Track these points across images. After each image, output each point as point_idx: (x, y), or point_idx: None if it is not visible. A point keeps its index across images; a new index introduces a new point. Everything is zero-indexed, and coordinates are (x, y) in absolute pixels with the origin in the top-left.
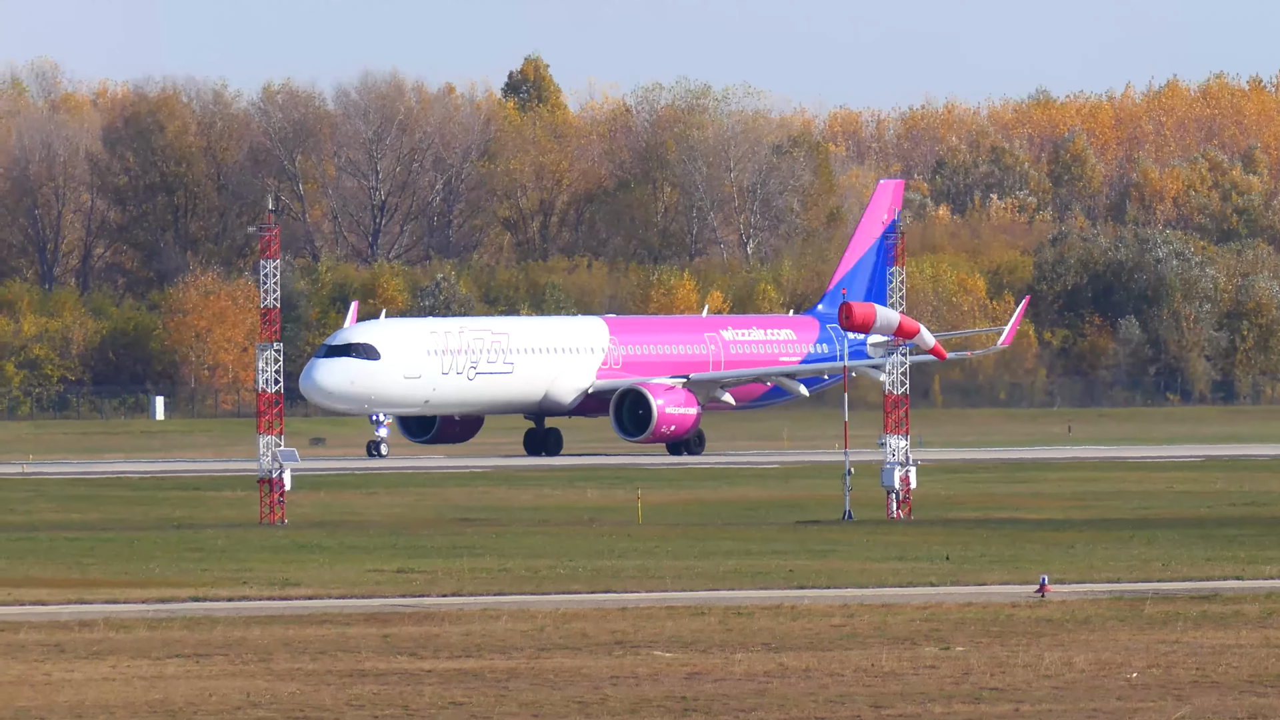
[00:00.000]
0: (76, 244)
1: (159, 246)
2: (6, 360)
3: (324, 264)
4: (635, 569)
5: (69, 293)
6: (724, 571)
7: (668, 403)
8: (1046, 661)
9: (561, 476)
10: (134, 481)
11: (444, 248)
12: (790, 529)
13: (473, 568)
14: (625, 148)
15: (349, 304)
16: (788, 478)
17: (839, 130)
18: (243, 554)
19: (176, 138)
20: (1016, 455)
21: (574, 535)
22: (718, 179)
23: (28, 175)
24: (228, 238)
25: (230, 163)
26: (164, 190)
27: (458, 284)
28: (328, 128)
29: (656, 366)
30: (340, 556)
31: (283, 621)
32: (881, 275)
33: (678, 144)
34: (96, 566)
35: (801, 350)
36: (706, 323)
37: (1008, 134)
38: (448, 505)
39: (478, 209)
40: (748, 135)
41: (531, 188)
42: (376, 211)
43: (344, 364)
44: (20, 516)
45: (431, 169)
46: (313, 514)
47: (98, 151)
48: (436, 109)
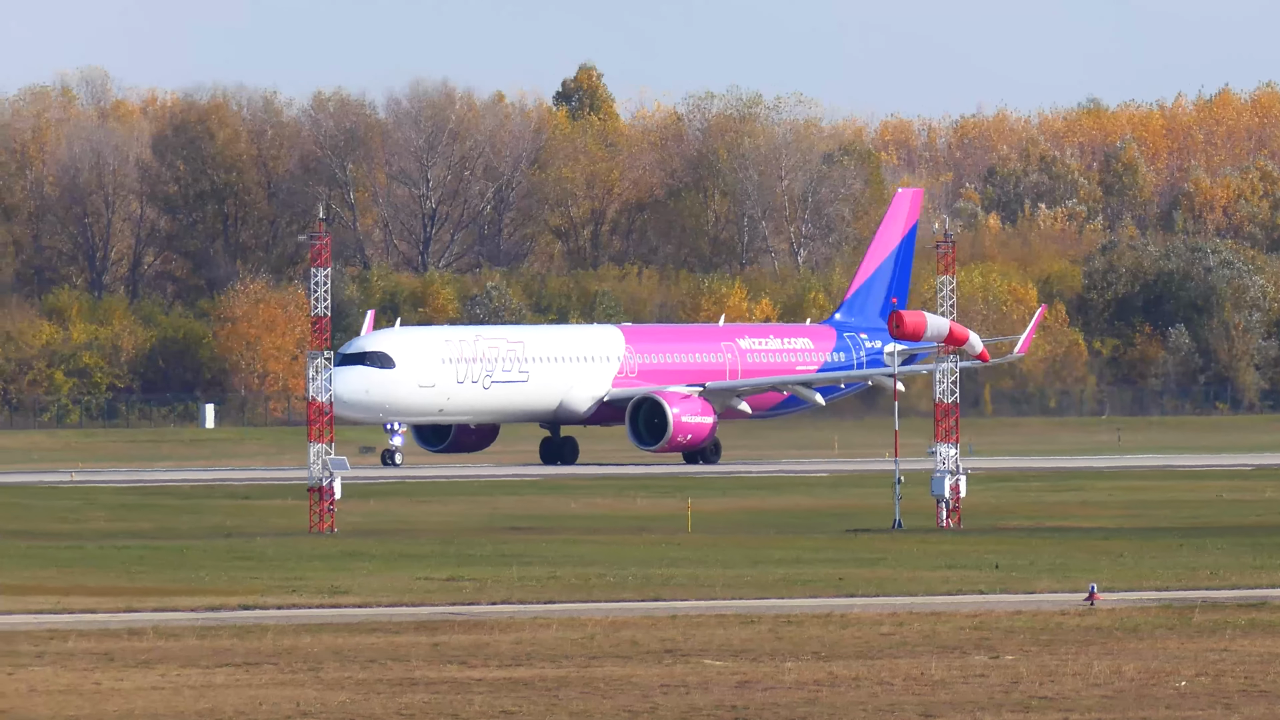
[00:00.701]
0: (126, 252)
1: (209, 254)
2: (56, 368)
3: (375, 272)
4: (685, 577)
5: (118, 300)
6: (774, 580)
7: (683, 411)
8: (1095, 670)
9: (611, 485)
10: (183, 490)
11: (495, 256)
12: (840, 537)
13: (523, 576)
14: (676, 156)
15: (398, 312)
16: (837, 486)
17: (890, 139)
18: (293, 562)
19: (227, 145)
20: (1066, 464)
21: (624, 543)
22: (769, 187)
23: (78, 183)
24: (278, 246)
25: (280, 171)
26: (214, 198)
27: (508, 293)
28: (379, 136)
29: (672, 375)
30: (390, 565)
31: (332, 630)
32: (900, 283)
33: (729, 152)
34: (146, 575)
35: (818, 359)
36: (723, 331)
37: (1058, 143)
38: (497, 513)
39: (528, 217)
40: (799, 144)
41: (582, 196)
42: (427, 220)
43: (359, 373)
44: (70, 525)
45: (482, 177)
46: (362, 522)
47: (148, 159)
48: (487, 117)
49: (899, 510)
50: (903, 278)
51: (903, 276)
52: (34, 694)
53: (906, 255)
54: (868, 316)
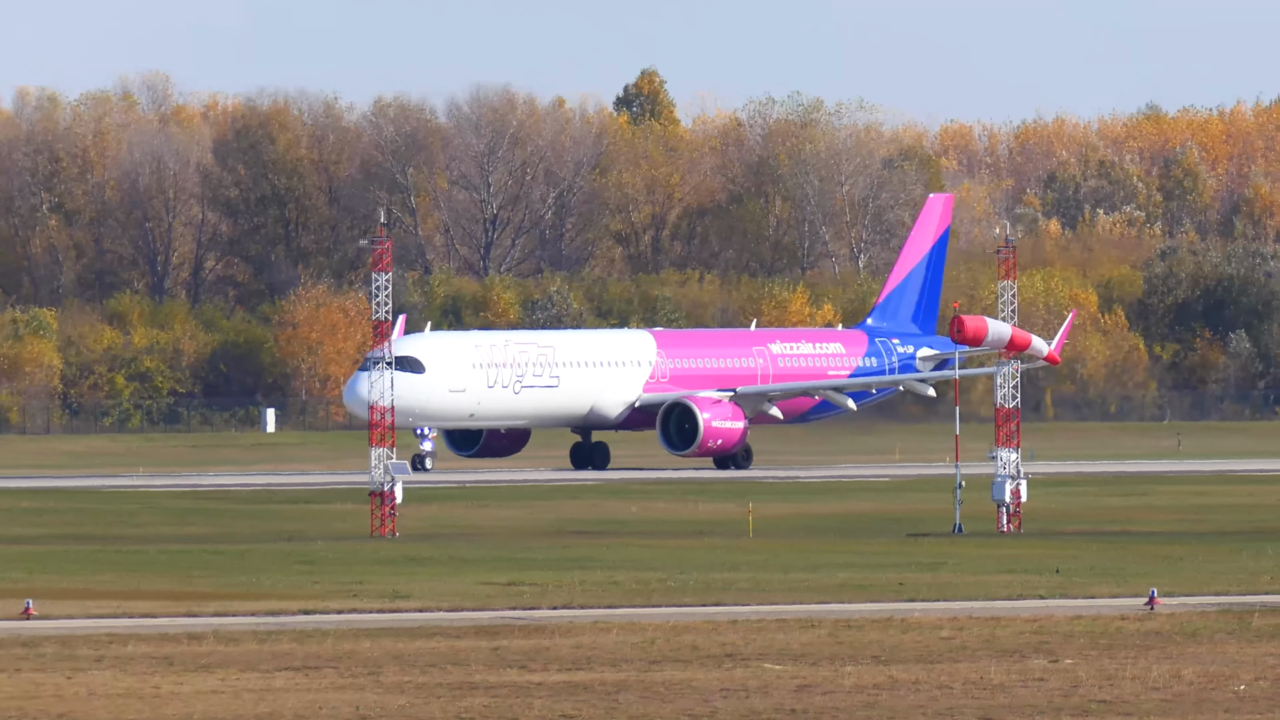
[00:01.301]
0: (187, 256)
1: (270, 259)
2: (117, 372)
3: (436, 277)
4: (746, 581)
5: (179, 305)
6: (834, 584)
7: (714, 416)
8: (1155, 674)
9: (672, 490)
10: (244, 494)
11: (556, 261)
12: (900, 542)
13: (583, 580)
14: (737, 161)
15: (460, 316)
16: (899, 491)
17: (950, 144)
18: (353, 567)
19: (288, 150)
20: (1126, 469)
21: (685, 548)
22: (829, 192)
23: (139, 188)
24: (339, 250)
25: (341, 175)
26: (275, 203)
27: (570, 297)
28: (439, 141)
29: (703, 380)
30: (451, 569)
31: (392, 634)
32: (932, 288)
33: (790, 158)
34: (206, 579)
35: (850, 364)
36: (754, 336)
37: (1118, 148)
38: (558, 518)
39: (589, 222)
40: (859, 149)
41: (643, 201)
42: (488, 224)
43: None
44: (131, 529)
45: (543, 182)
46: (423, 526)
47: (209, 164)
48: (548, 122)
49: (959, 515)
50: (934, 283)
51: (934, 282)
52: (93, 697)
53: (938, 261)
54: (900, 321)
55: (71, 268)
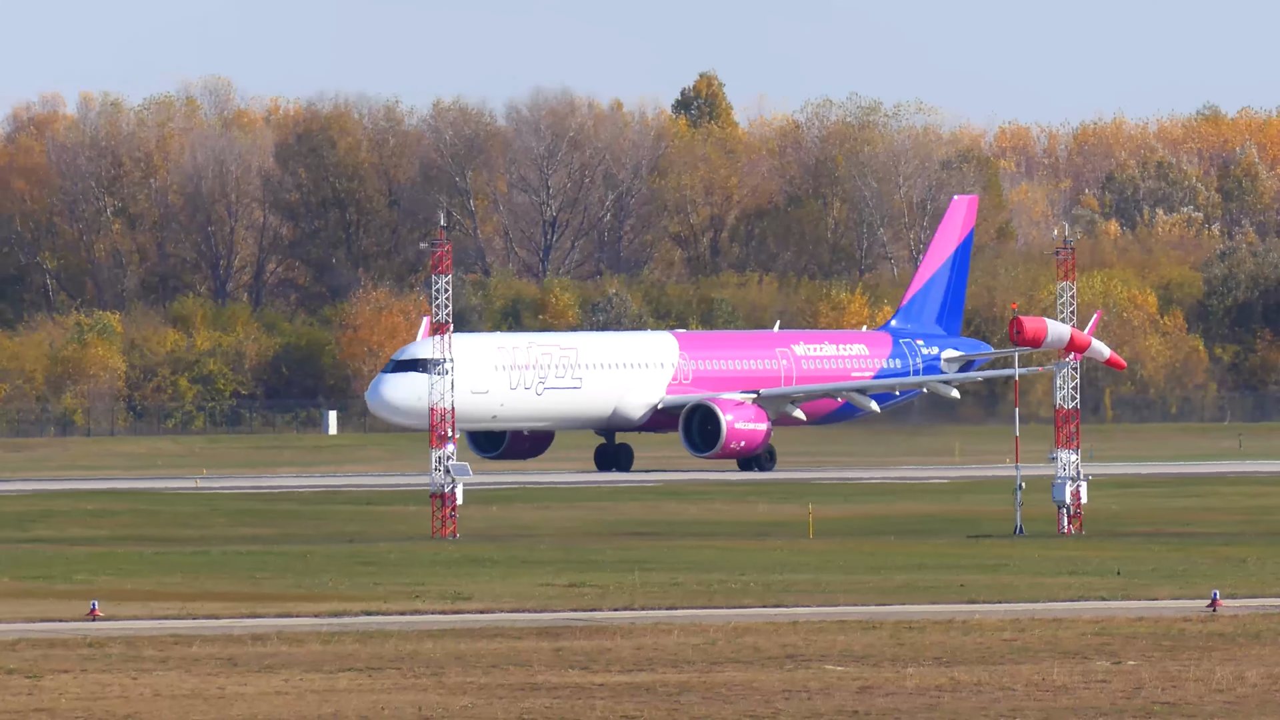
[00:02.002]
0: (249, 259)
1: (331, 262)
2: (180, 375)
3: (495, 279)
4: (807, 583)
5: (242, 308)
6: (895, 586)
7: (737, 418)
8: (1218, 676)
9: (733, 490)
10: (306, 496)
11: (615, 263)
12: (961, 543)
13: (644, 582)
14: (795, 163)
15: (520, 319)
16: (959, 492)
17: (1008, 145)
18: (415, 568)
19: (348, 154)
20: (1187, 469)
21: (746, 549)
22: (888, 194)
23: (201, 192)
24: (399, 253)
25: (402, 179)
26: (336, 206)
27: (629, 299)
28: (499, 144)
29: (727, 382)
30: (512, 570)
31: (455, 635)
32: (957, 290)
33: (848, 160)
34: (269, 580)
35: (874, 366)
36: (778, 337)
37: (1176, 149)
38: (619, 519)
39: (648, 225)
40: (918, 151)
41: (702, 203)
42: (547, 227)
43: (411, 379)
44: (194, 531)
45: (602, 185)
46: (484, 527)
47: (270, 168)
48: (607, 125)
49: (1020, 516)
50: (959, 285)
51: (959, 283)
52: (158, 698)
53: (963, 262)
54: (924, 323)
55: (135, 271)
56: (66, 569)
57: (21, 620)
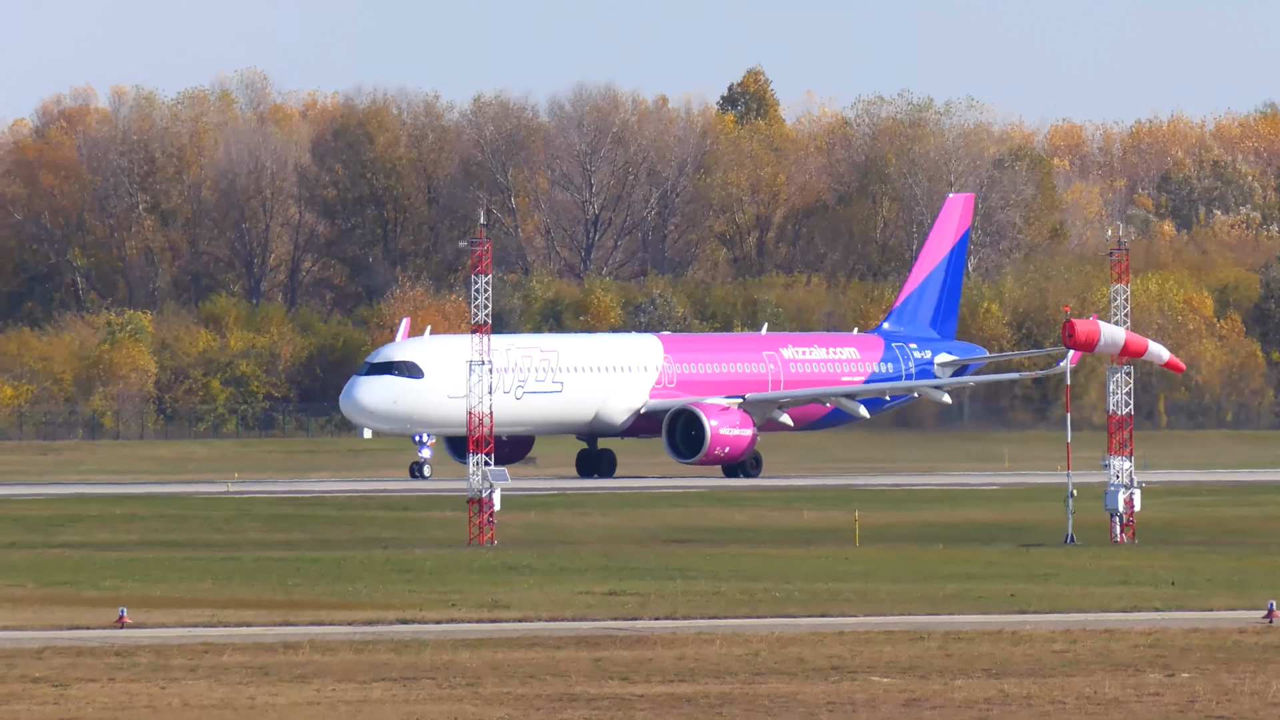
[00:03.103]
0: (284, 258)
1: (367, 261)
2: (213, 376)
3: (536, 279)
4: (853, 592)
5: (276, 308)
6: (944, 595)
7: (722, 424)
8: (1274, 689)
9: (778, 497)
10: (340, 501)
11: (659, 263)
12: (1012, 552)
13: (686, 590)
14: (844, 161)
15: (560, 320)
16: (1009, 500)
17: (1061, 144)
18: (451, 575)
19: (386, 150)
20: (1243, 478)
21: (791, 556)
22: (938, 193)
23: (236, 188)
24: (438, 252)
25: (441, 176)
26: (373, 203)
27: (673, 300)
28: (540, 140)
29: (712, 386)
30: (550, 578)
31: (491, 644)
32: (951, 292)
33: (898, 157)
34: (302, 588)
35: (865, 370)
36: (765, 340)
37: (1233, 148)
38: (660, 525)
39: (693, 223)
40: (969, 148)
41: (748, 202)
42: (590, 226)
43: (386, 382)
44: (225, 536)
45: (646, 182)
46: (522, 534)
47: (306, 164)
48: (651, 122)
49: (1071, 525)
50: (954, 286)
51: (954, 285)
52: (187, 708)
53: (958, 263)
54: (917, 326)
55: (167, 269)
56: (94, 575)
57: (48, 627)
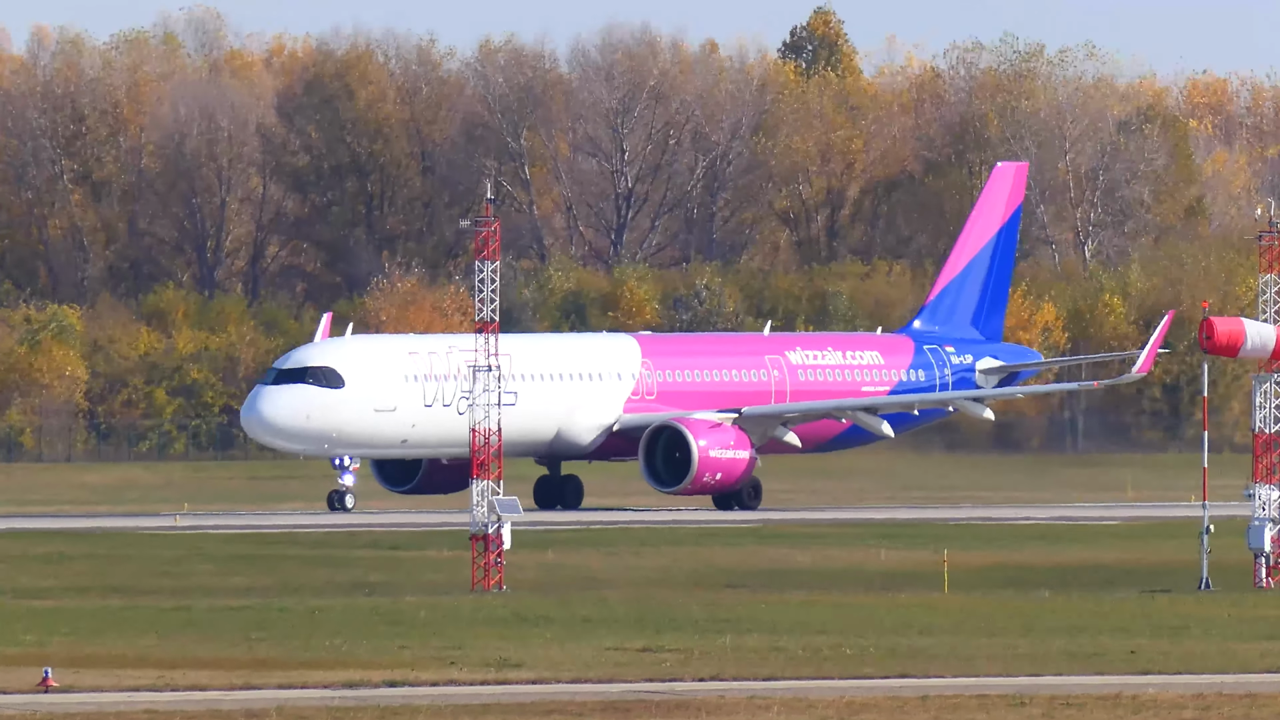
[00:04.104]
0: (244, 240)
1: (347, 244)
2: (157, 386)
3: (554, 267)
4: (940, 648)
5: (234, 301)
6: (1050, 652)
7: (712, 444)
8: None
9: (850, 534)
10: (315, 537)
11: (706, 247)
12: (1134, 600)
13: (737, 646)
14: (934, 123)
15: (584, 316)
16: (1132, 537)
17: (1200, 102)
18: (451, 628)
19: (371, 108)
20: None
21: (864, 605)
22: (1050, 162)
23: (183, 154)
24: (434, 234)
25: (438, 139)
26: (354, 173)
27: (723, 293)
28: (561, 96)
29: (700, 397)
30: (571, 631)
31: (500, 711)
32: (999, 282)
33: (1000, 118)
34: (268, 643)
35: (890, 378)
36: (767, 342)
37: None
38: (706, 567)
39: (748, 199)
40: (1088, 108)
41: (816, 172)
42: (621, 201)
43: (298, 393)
44: (174, 581)
45: (691, 148)
46: (538, 577)
47: (271, 124)
48: (698, 73)
49: (1206, 567)
50: (1001, 275)
51: (1002, 274)
52: None
53: (1007, 247)
54: (956, 324)
55: (100, 255)
56: (12, 628)
57: None
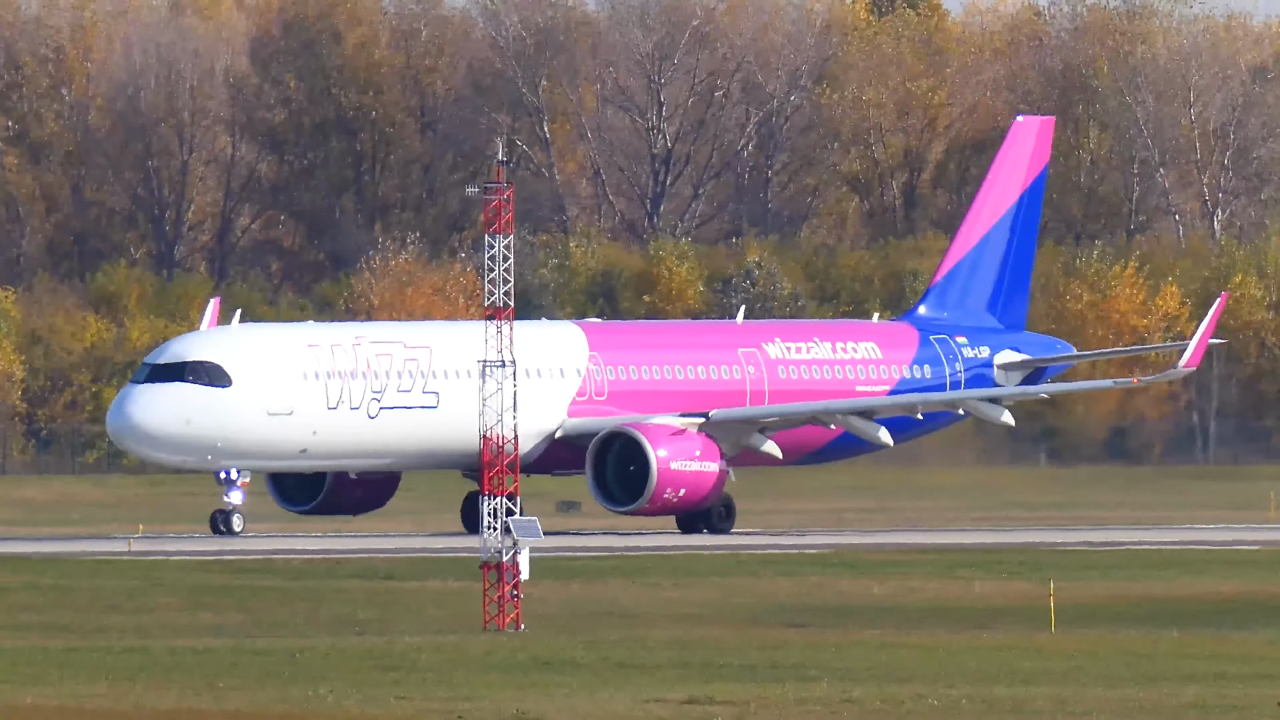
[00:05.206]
0: (210, 210)
1: (332, 215)
2: (106, 384)
3: (579, 241)
4: (1046, 699)
5: (199, 282)
6: (1181, 704)
7: (674, 454)
8: None
9: (935, 561)
10: (295, 566)
11: (759, 219)
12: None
13: (801, 697)
14: (1033, 71)
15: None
16: (1274, 565)
17: None
18: (458, 674)
19: (360, 53)
20: None
21: (955, 648)
22: (1171, 117)
23: (139, 108)
24: (435, 203)
25: (440, 91)
26: (341, 131)
27: (779, 273)
28: (587, 39)
29: (660, 398)
30: (601, 679)
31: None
32: (1021, 255)
33: (1111, 65)
34: (240, 692)
35: (890, 375)
36: (741, 332)
37: None
38: (762, 601)
39: (809, 162)
40: (1215, 55)
41: (891, 130)
42: (658, 165)
43: (175, 393)
44: (128, 617)
45: (741, 101)
46: (561, 614)
47: (243, 73)
48: (749, 11)
49: None
50: (1023, 251)
51: (1024, 249)
52: None
53: (1029, 216)
54: (969, 310)
55: (39, 228)
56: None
57: None
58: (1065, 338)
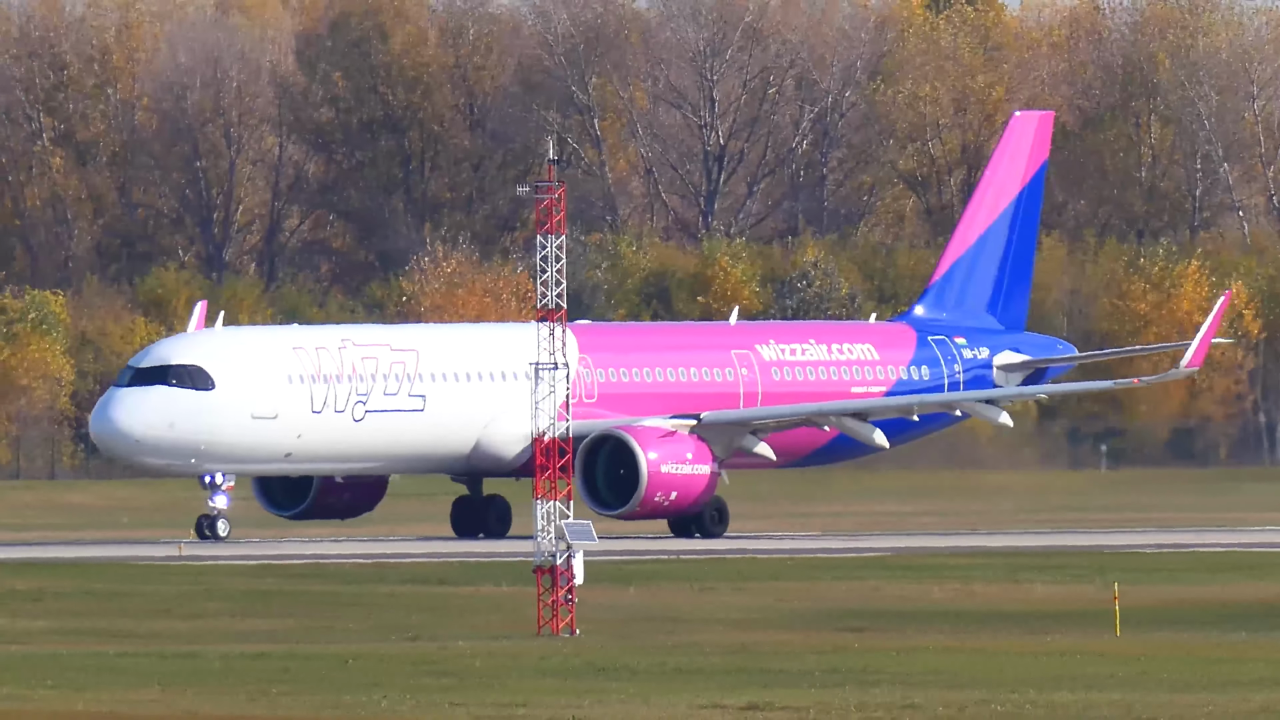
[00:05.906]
0: (258, 212)
1: (382, 215)
2: None
3: (630, 242)
4: (1112, 704)
5: (247, 285)
6: (1251, 709)
7: (665, 457)
8: None
9: (997, 564)
10: (345, 570)
11: (815, 217)
12: None
13: (861, 703)
14: (1092, 66)
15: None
16: None
17: None
18: (511, 680)
19: (408, 52)
20: None
21: (1017, 652)
22: (1235, 112)
23: (185, 109)
24: (486, 202)
25: (489, 88)
26: (389, 131)
27: (836, 273)
28: (638, 36)
29: (650, 400)
30: (658, 685)
31: None
32: (1019, 257)
33: (1172, 59)
34: (291, 697)
35: (887, 376)
36: (735, 333)
37: None
38: (822, 606)
39: (865, 159)
40: (1278, 47)
41: (949, 126)
42: (711, 163)
43: (158, 397)
44: (178, 623)
45: (795, 98)
46: (616, 619)
47: (290, 73)
48: (802, 6)
49: None
50: (1023, 249)
51: (1023, 247)
52: None
53: (1029, 212)
54: (968, 310)
55: (87, 230)
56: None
57: None
58: (1125, 337)
